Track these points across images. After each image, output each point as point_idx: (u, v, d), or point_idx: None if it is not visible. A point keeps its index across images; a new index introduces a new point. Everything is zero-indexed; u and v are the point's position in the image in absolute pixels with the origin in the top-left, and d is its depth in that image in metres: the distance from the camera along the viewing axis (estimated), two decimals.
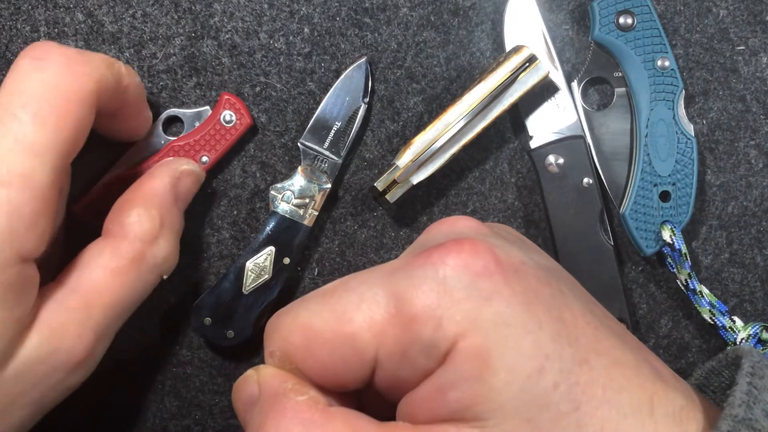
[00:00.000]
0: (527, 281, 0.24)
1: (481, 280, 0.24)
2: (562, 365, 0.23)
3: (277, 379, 0.26)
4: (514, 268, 0.25)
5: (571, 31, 0.43)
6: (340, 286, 0.26)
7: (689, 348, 0.44)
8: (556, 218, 0.42)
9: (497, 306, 0.23)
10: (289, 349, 0.26)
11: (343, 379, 0.25)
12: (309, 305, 0.26)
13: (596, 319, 0.25)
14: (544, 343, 0.23)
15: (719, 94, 0.43)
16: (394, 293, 0.24)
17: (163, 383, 0.43)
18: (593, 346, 0.24)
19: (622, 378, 0.24)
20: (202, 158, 0.41)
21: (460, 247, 0.25)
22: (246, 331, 0.41)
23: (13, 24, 0.41)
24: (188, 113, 0.41)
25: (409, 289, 0.24)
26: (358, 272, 0.27)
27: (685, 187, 0.41)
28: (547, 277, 0.25)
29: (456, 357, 0.23)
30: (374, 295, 0.25)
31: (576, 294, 0.26)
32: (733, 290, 0.44)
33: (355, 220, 0.43)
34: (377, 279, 0.25)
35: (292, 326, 0.26)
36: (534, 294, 0.24)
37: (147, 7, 0.42)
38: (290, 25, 0.42)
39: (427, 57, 0.43)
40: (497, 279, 0.24)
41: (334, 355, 0.25)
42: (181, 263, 0.43)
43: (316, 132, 0.42)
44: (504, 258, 0.25)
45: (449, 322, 0.23)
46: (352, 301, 0.25)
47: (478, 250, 0.24)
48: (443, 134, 0.40)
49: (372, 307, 0.24)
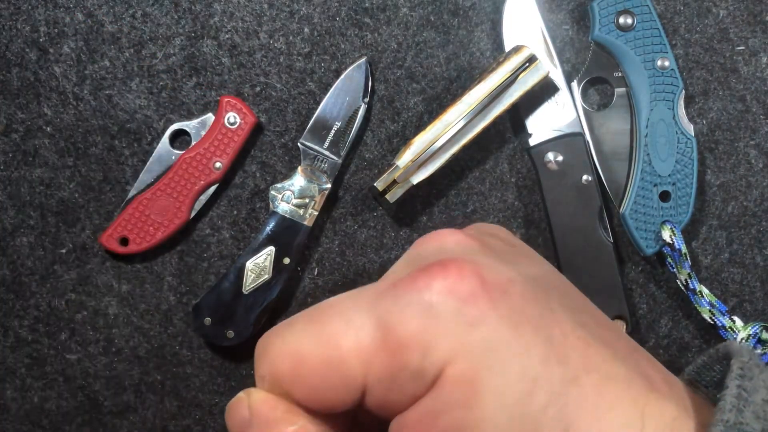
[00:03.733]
0: (514, 302, 0.24)
1: (467, 305, 0.24)
2: (551, 387, 0.23)
3: (267, 405, 0.26)
4: (500, 289, 0.24)
5: (571, 31, 0.43)
6: (328, 309, 0.26)
7: (689, 348, 0.44)
8: (556, 216, 0.42)
9: (484, 331, 0.23)
10: (278, 374, 0.26)
11: (333, 403, 0.25)
12: (296, 329, 0.26)
13: (587, 333, 0.25)
14: (533, 366, 0.23)
15: (719, 94, 0.43)
16: (380, 319, 0.24)
17: (163, 383, 0.43)
18: (583, 363, 0.24)
19: (612, 394, 0.24)
20: (216, 164, 0.41)
21: (446, 270, 0.24)
22: (246, 331, 0.41)
23: (13, 24, 0.41)
24: (192, 124, 0.42)
25: (396, 316, 0.24)
26: (345, 293, 0.27)
27: (685, 187, 0.41)
28: (535, 294, 0.25)
29: (444, 383, 0.23)
30: (361, 320, 0.24)
31: (567, 306, 0.26)
32: (733, 290, 0.44)
33: (355, 220, 0.43)
34: (364, 303, 0.25)
35: (280, 351, 0.26)
36: (521, 315, 0.24)
37: (147, 7, 0.42)
38: (290, 25, 0.42)
39: (427, 57, 0.42)
40: (483, 303, 0.24)
41: (323, 381, 0.25)
42: (181, 263, 0.43)
43: (316, 132, 0.42)
44: (490, 279, 0.25)
45: (436, 349, 0.23)
46: (339, 326, 0.25)
47: (464, 272, 0.24)
48: (443, 134, 0.40)
49: (359, 333, 0.24)
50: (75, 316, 0.43)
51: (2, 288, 0.43)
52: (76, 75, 0.42)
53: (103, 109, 0.42)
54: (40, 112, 0.42)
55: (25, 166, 0.42)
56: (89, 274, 0.43)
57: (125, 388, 0.43)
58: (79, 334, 0.43)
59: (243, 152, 0.42)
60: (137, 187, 0.42)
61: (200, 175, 0.41)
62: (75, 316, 0.43)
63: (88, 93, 0.42)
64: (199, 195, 0.42)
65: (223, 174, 0.41)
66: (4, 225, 0.42)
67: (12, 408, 0.43)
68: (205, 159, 0.41)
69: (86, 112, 0.42)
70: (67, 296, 0.43)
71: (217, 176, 0.41)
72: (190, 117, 0.42)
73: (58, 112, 0.42)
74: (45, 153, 0.42)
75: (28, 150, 0.42)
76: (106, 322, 0.43)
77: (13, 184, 0.42)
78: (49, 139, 0.42)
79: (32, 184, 0.42)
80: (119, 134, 0.42)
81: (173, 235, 0.42)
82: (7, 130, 0.42)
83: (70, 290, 0.43)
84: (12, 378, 0.43)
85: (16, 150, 0.42)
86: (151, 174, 0.42)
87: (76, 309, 0.43)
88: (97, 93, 0.42)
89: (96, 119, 0.42)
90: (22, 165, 0.42)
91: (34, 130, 0.42)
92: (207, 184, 0.41)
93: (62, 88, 0.42)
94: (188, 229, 0.43)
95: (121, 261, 0.43)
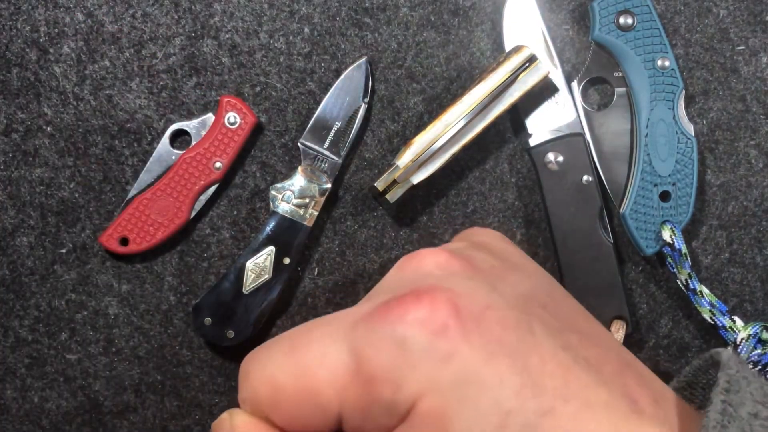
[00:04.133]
0: (490, 331, 0.24)
1: (438, 339, 0.24)
2: (525, 419, 0.23)
3: (248, 427, 0.27)
4: (475, 317, 0.24)
5: (571, 31, 0.43)
6: (305, 336, 0.26)
7: (689, 348, 0.44)
8: (556, 216, 0.42)
9: (456, 365, 0.23)
10: (257, 400, 0.26)
11: (311, 429, 0.26)
12: (274, 357, 0.26)
13: (569, 356, 0.25)
14: (506, 399, 0.23)
15: (719, 94, 0.43)
16: (354, 350, 0.24)
17: (163, 383, 0.43)
18: (561, 392, 0.23)
19: (592, 422, 0.23)
20: (216, 164, 0.41)
21: (419, 302, 0.24)
22: (246, 331, 0.41)
23: (13, 24, 0.41)
24: (192, 124, 0.42)
25: (368, 348, 0.24)
26: (323, 318, 0.27)
27: (685, 187, 0.41)
28: (516, 318, 0.25)
29: (415, 418, 0.23)
30: (336, 350, 0.25)
31: (552, 327, 0.26)
32: (733, 290, 0.44)
33: (355, 220, 0.43)
34: (341, 332, 0.25)
35: (260, 378, 0.26)
36: (497, 345, 0.24)
37: (147, 7, 0.42)
38: (290, 25, 0.42)
39: (427, 57, 0.42)
40: (455, 336, 0.24)
41: (299, 409, 0.25)
42: (181, 263, 0.43)
43: (316, 132, 0.42)
44: (466, 308, 0.24)
45: (408, 384, 0.23)
46: (315, 356, 0.25)
47: (437, 303, 0.24)
48: (443, 134, 0.40)
49: (334, 363, 0.25)
50: (75, 316, 0.43)
51: (2, 288, 0.43)
52: (76, 75, 0.42)
53: (103, 109, 0.42)
54: (40, 112, 0.42)
55: (25, 166, 0.42)
56: (89, 274, 0.43)
57: (125, 388, 0.43)
58: (79, 334, 0.43)
59: (243, 152, 0.42)
60: (137, 187, 0.42)
61: (200, 175, 0.41)
62: (75, 316, 0.43)
63: (88, 93, 0.42)
64: (199, 195, 0.42)
65: (223, 174, 0.41)
66: (4, 225, 0.42)
67: (12, 408, 0.43)
68: (205, 159, 0.41)
69: (86, 112, 0.42)
70: (67, 296, 0.43)
71: (217, 176, 0.41)
72: (190, 117, 0.42)
73: (58, 112, 0.42)
74: (45, 153, 0.42)
75: (28, 150, 0.42)
76: (106, 322, 0.43)
77: (13, 184, 0.42)
78: (49, 139, 0.42)
79: (32, 184, 0.42)
80: (119, 134, 0.42)
81: (173, 235, 0.42)
82: (7, 130, 0.42)
83: (70, 290, 0.43)
84: (12, 378, 0.43)
85: (16, 150, 0.42)
86: (151, 174, 0.42)
87: (76, 309, 0.43)
88: (97, 93, 0.42)
89: (96, 119, 0.42)
90: (22, 165, 0.42)
91: (34, 130, 0.42)
92: (207, 184, 0.41)
93: (62, 88, 0.42)
94: (188, 229, 0.43)
95: (121, 261, 0.43)
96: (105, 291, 0.43)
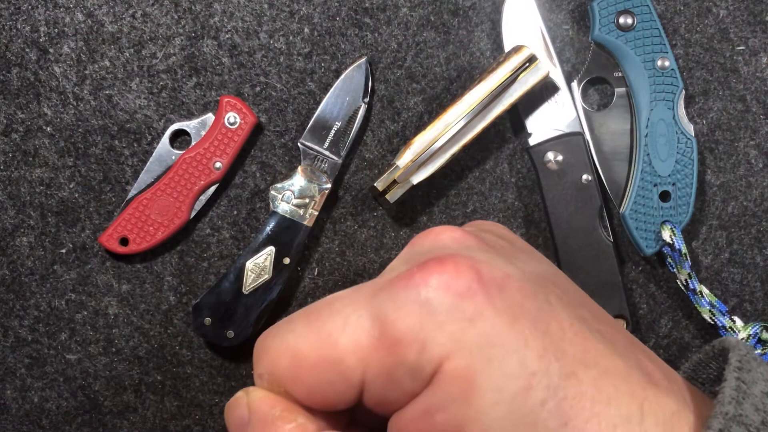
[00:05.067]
0: (511, 296, 0.24)
1: (463, 301, 0.24)
2: (549, 381, 0.23)
3: (266, 403, 0.26)
4: (497, 283, 0.24)
5: (571, 31, 0.43)
6: (325, 308, 0.26)
7: (689, 348, 0.44)
8: (556, 216, 0.42)
9: (481, 327, 0.23)
10: (277, 372, 0.26)
11: (331, 401, 0.25)
12: (295, 327, 0.26)
13: (585, 327, 0.25)
14: (530, 361, 0.23)
15: (719, 94, 0.43)
16: (377, 316, 0.24)
17: (163, 383, 0.43)
18: (581, 357, 0.24)
19: (611, 388, 0.24)
20: (216, 164, 0.41)
21: (442, 266, 0.24)
22: (246, 331, 0.41)
23: (13, 24, 0.41)
24: (192, 124, 0.42)
25: (392, 312, 0.24)
26: (342, 291, 0.27)
27: (685, 187, 0.41)
28: (533, 288, 0.25)
29: (442, 379, 0.23)
30: (358, 317, 0.25)
31: (565, 301, 0.26)
32: (733, 290, 0.44)
33: (355, 220, 0.43)
34: (361, 300, 0.25)
35: (278, 350, 0.26)
36: (519, 309, 0.24)
37: (147, 7, 0.42)
38: (290, 25, 0.42)
39: (427, 57, 0.42)
40: (480, 298, 0.24)
41: (321, 379, 0.25)
42: (181, 263, 0.43)
43: (316, 132, 0.42)
44: (487, 274, 0.25)
45: (433, 345, 0.23)
46: (337, 323, 0.25)
47: (460, 268, 0.24)
48: (443, 134, 0.40)
49: (357, 331, 0.24)
50: (75, 316, 0.43)
51: (2, 288, 0.43)
52: (76, 75, 0.42)
53: (103, 109, 0.42)
54: (40, 112, 0.42)
55: (25, 166, 0.42)
56: (89, 274, 0.43)
57: (125, 388, 0.43)
58: (79, 334, 0.43)
59: (243, 152, 0.42)
60: (137, 187, 0.42)
61: (200, 175, 0.41)
62: (75, 316, 0.43)
63: (88, 93, 0.42)
64: (199, 195, 0.42)
65: (223, 174, 0.41)
66: (4, 225, 0.42)
67: (12, 408, 0.43)
68: (205, 159, 0.41)
69: (86, 112, 0.42)
70: (67, 296, 0.43)
71: (217, 176, 0.41)
72: (190, 117, 0.42)
73: (58, 112, 0.42)
74: (45, 153, 0.42)
75: (28, 150, 0.42)
76: (106, 322, 0.43)
77: (13, 184, 0.42)
78: (49, 139, 0.42)
79: (32, 184, 0.42)
80: (119, 134, 0.42)
81: (173, 235, 0.42)
82: (7, 130, 0.42)
83: (70, 290, 0.43)
84: (12, 378, 0.43)
85: (16, 150, 0.42)
86: (151, 174, 0.42)
87: (76, 309, 0.43)
88: (97, 93, 0.42)
89: (96, 119, 0.42)
90: (22, 165, 0.42)
91: (34, 130, 0.42)
92: (207, 184, 0.41)
93: (62, 88, 0.42)
94: (188, 229, 0.43)
95: (121, 261, 0.43)
96: (105, 291, 0.43)
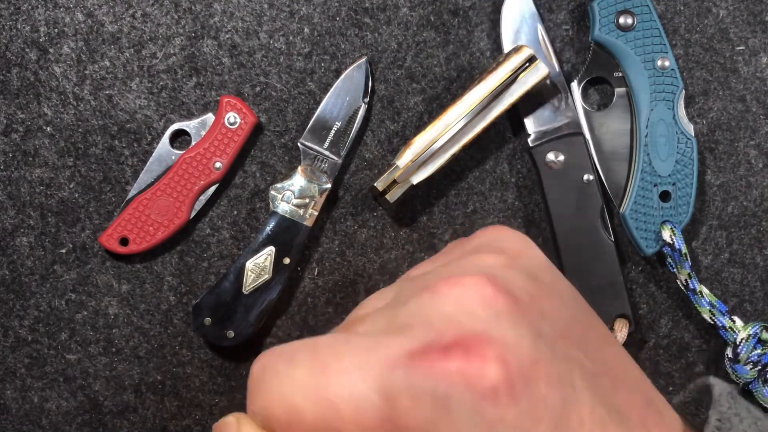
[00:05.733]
0: (538, 390, 0.23)
1: (486, 404, 0.22)
2: None
3: None
4: (524, 374, 0.23)
5: (571, 31, 0.43)
6: (334, 361, 0.24)
7: (689, 348, 0.44)
8: (557, 216, 0.42)
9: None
10: (271, 419, 0.24)
11: None
12: (296, 373, 0.24)
13: (605, 410, 0.24)
14: None
15: (719, 94, 0.43)
16: (388, 396, 0.23)
17: (163, 383, 0.43)
18: None
19: None
20: (215, 164, 0.41)
21: (467, 357, 0.23)
22: (246, 331, 0.41)
23: (13, 24, 0.41)
24: (192, 124, 0.42)
25: (405, 399, 0.22)
26: (356, 339, 0.25)
27: (685, 187, 0.41)
28: (559, 372, 0.24)
29: None
30: (368, 389, 0.23)
31: (588, 372, 0.25)
32: (733, 290, 0.44)
33: (355, 220, 0.43)
34: (376, 369, 0.23)
35: (275, 396, 0.24)
36: (543, 407, 0.23)
37: (147, 7, 0.42)
38: (290, 25, 0.42)
39: (427, 57, 0.42)
40: (504, 400, 0.22)
41: None
42: (181, 263, 0.43)
43: (316, 132, 0.42)
44: (515, 365, 0.23)
45: None
46: (343, 388, 0.23)
47: (487, 361, 0.23)
48: (443, 134, 0.40)
49: (363, 405, 0.23)
50: (75, 316, 0.43)
51: (2, 288, 0.43)
52: (76, 75, 0.42)
53: (103, 109, 0.42)
54: (40, 112, 0.42)
55: (25, 166, 0.42)
56: (89, 274, 0.43)
57: (125, 388, 0.43)
58: (79, 334, 0.43)
59: (243, 152, 0.42)
60: (137, 187, 0.42)
61: (200, 175, 0.41)
62: (75, 316, 0.43)
63: (88, 93, 0.42)
64: (199, 195, 0.42)
65: (223, 174, 0.41)
66: (4, 225, 0.42)
67: (12, 408, 0.43)
68: (205, 159, 0.41)
69: (86, 112, 0.42)
70: (67, 296, 0.43)
71: (217, 176, 0.41)
72: (190, 117, 0.42)
73: (58, 112, 0.42)
74: (45, 153, 0.42)
75: (28, 150, 0.42)
76: (106, 322, 0.43)
77: (13, 184, 0.42)
78: (49, 139, 0.42)
79: (32, 184, 0.42)
80: (119, 134, 0.42)
81: (173, 235, 0.42)
82: (7, 130, 0.42)
83: (70, 290, 0.43)
84: (12, 378, 0.43)
85: (16, 150, 0.42)
86: (151, 174, 0.42)
87: (76, 309, 0.43)
88: (97, 93, 0.42)
89: (96, 119, 0.42)
90: (22, 165, 0.42)
91: (34, 130, 0.42)
92: (207, 184, 0.41)
93: (62, 88, 0.42)
94: (188, 229, 0.43)
95: (121, 261, 0.43)
96: (105, 291, 0.43)
